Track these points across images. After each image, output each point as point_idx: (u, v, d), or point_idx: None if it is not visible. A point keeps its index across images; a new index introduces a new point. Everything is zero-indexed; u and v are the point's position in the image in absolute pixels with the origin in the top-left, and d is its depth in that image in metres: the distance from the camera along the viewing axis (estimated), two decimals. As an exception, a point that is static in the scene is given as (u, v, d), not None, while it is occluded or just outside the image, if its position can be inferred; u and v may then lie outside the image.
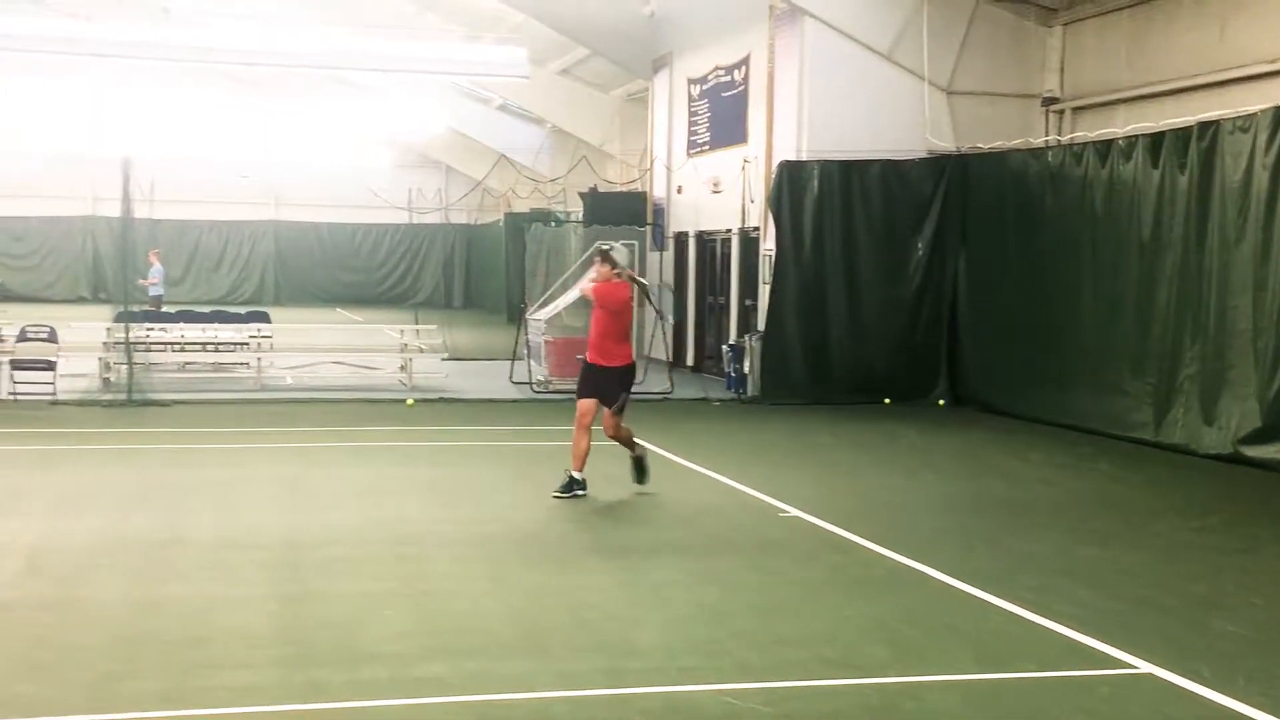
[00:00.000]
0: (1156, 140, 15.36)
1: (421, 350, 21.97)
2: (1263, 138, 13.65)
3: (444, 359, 21.94)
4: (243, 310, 25.65)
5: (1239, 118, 14.10)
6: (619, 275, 11.69)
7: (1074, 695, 6.45)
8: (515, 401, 19.12)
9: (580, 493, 11.44)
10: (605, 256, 11.78)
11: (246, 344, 21.65)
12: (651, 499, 11.70)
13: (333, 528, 10.13)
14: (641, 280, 12.67)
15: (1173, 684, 6.61)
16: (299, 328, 26.52)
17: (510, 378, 20.60)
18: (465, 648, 7.08)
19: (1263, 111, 13.73)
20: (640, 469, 11.90)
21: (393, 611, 7.76)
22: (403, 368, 20.65)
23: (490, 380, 21.15)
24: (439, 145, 45.81)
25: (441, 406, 18.39)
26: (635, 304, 12.40)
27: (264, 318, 22.78)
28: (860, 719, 6.08)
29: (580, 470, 11.50)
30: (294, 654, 6.93)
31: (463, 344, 27.03)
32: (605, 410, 11.58)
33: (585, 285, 11.91)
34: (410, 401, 18.55)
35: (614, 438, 11.79)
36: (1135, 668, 6.86)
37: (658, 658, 6.97)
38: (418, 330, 23.40)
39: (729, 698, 6.28)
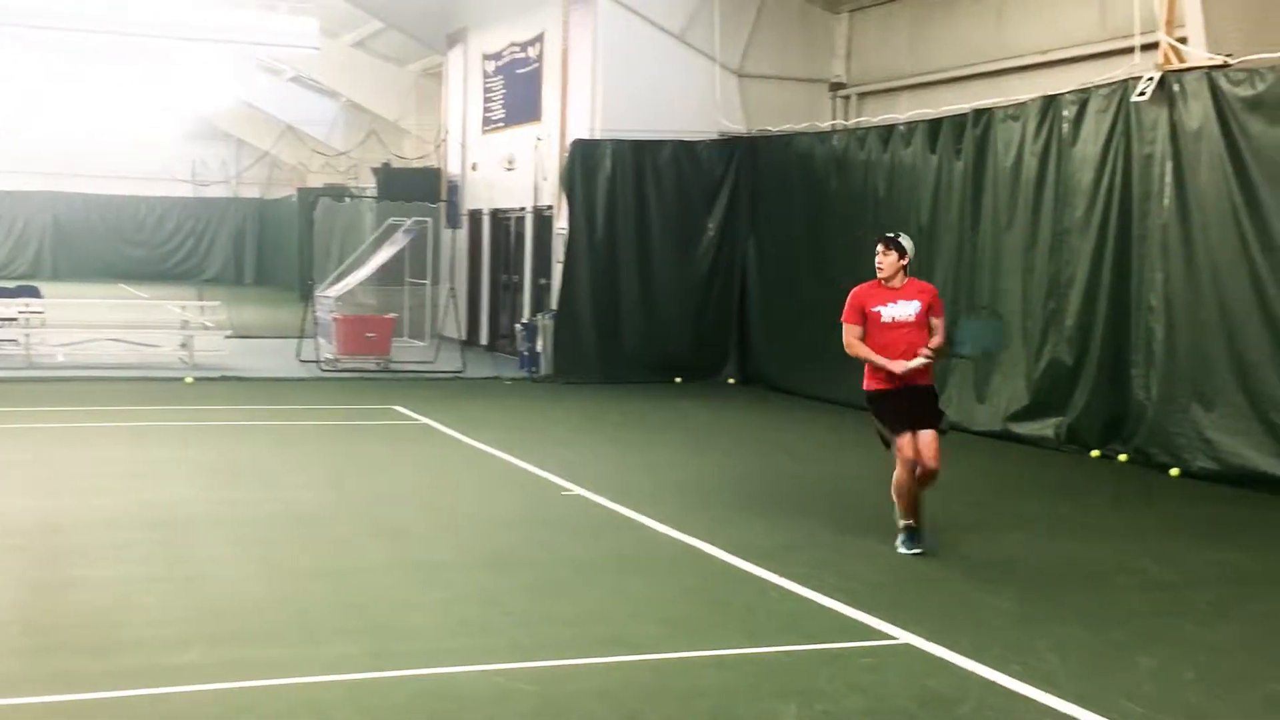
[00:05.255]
0: (935, 126, 15.82)
1: (205, 327, 21.28)
2: (1032, 126, 14.15)
3: (228, 336, 21.30)
4: (12, 285, 24.40)
5: (1011, 106, 14.61)
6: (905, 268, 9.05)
7: (838, 667, 6.57)
8: (301, 380, 18.68)
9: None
10: (892, 244, 9.01)
11: (14, 319, 20.60)
12: (434, 479, 11.56)
13: (97, 511, 9.72)
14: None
15: (933, 654, 6.78)
16: (74, 303, 25.44)
17: (298, 356, 20.13)
18: (228, 633, 6.85)
19: (1032, 100, 14.24)
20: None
21: (153, 597, 7.47)
22: (183, 345, 19.96)
23: (277, 358, 20.60)
24: (228, 117, 44.42)
25: (224, 385, 17.84)
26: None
27: (33, 292, 21.78)
28: (627, 695, 6.08)
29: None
30: (43, 643, 6.61)
31: (251, 321, 26.30)
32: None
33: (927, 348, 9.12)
34: (189, 379, 17.94)
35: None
36: (896, 639, 7.03)
37: (428, 639, 6.86)
38: (200, 306, 22.67)
39: (497, 677, 6.22)
